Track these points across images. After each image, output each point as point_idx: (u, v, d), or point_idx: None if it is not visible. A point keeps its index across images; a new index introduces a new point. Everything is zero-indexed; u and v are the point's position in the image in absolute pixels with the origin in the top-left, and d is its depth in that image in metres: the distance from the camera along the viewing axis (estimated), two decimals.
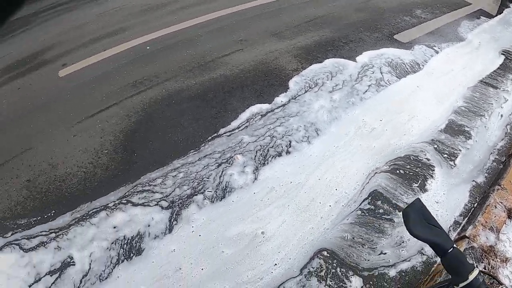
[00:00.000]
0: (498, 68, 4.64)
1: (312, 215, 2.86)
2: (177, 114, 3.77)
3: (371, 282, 2.50)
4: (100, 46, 5.17)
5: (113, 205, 3.00)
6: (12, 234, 2.97)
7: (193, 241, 2.76)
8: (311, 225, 2.80)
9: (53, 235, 2.90)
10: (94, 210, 2.99)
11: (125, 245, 2.77)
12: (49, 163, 3.46)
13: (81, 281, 2.63)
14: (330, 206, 2.92)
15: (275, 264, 2.59)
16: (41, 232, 2.94)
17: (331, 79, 4.07)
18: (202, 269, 2.61)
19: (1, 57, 5.81)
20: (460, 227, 2.83)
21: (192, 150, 3.37)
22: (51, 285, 2.64)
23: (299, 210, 2.90)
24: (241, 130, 3.54)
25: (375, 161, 3.26)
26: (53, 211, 3.06)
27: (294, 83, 4.04)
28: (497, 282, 1.98)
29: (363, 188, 3.05)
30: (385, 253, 2.64)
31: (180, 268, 2.62)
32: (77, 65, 4.85)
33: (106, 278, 2.62)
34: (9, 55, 5.80)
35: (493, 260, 2.45)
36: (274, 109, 3.75)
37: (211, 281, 2.55)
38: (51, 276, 2.68)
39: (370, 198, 2.98)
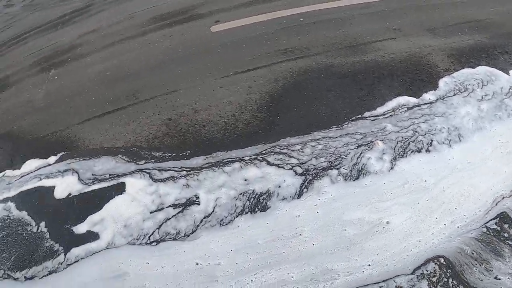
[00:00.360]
0: None
1: (425, 227, 2.87)
2: (324, 88, 4.01)
3: None
4: (254, 10, 5.65)
5: (248, 159, 3.34)
6: (145, 163, 3.50)
7: (313, 215, 2.96)
8: (419, 238, 2.81)
9: (184, 173, 3.35)
10: (229, 159, 3.37)
11: (252, 199, 3.08)
12: (192, 107, 3.96)
13: (201, 221, 3.01)
14: (445, 224, 2.89)
15: (369, 265, 2.68)
16: (173, 167, 3.42)
17: (481, 88, 3.95)
18: (313, 244, 2.80)
19: (157, 5, 6.69)
20: None
21: (335, 126, 3.57)
22: (172, 217, 3.07)
23: (415, 217, 2.92)
24: (385, 117, 3.65)
25: (501, 187, 3.12)
26: (188, 152, 3.52)
27: (444, 83, 4.01)
28: None
29: (489, 211, 2.96)
30: (499, 279, 2.57)
31: (300, 235, 2.85)
32: (230, 24, 5.39)
33: (226, 224, 2.97)
34: (165, 4, 6.65)
35: None
36: (421, 104, 3.78)
37: (307, 259, 2.73)
38: (173, 209, 3.12)
39: (498, 218, 2.89)
